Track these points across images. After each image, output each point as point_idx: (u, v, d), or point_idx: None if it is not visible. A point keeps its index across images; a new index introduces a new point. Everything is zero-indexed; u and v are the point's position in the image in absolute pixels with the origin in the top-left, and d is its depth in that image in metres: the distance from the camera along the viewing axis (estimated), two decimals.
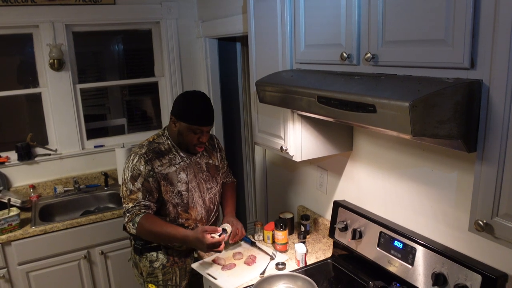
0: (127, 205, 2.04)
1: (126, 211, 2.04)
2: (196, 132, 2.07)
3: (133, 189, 2.03)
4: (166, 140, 2.15)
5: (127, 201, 2.05)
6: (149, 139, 2.17)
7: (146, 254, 2.21)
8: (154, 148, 2.11)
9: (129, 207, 2.03)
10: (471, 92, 1.11)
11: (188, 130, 2.06)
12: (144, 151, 2.07)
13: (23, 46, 3.27)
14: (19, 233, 2.70)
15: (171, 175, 2.10)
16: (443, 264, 1.58)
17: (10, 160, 3.20)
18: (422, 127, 1.09)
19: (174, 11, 3.55)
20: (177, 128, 2.09)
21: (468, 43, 1.11)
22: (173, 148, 2.15)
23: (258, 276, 2.04)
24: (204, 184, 2.22)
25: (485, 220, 1.15)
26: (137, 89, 3.85)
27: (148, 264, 2.21)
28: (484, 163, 1.13)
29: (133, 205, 2.02)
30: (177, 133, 2.10)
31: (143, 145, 2.12)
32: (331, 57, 1.64)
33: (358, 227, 2.00)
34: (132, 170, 2.04)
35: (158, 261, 2.21)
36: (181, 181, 2.13)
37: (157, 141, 2.15)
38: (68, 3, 3.16)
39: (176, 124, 2.09)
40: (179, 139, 2.12)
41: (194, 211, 2.18)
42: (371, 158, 2.07)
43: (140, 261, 2.22)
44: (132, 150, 2.12)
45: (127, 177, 2.05)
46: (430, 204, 1.76)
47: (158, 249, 2.20)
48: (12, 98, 3.26)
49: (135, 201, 2.03)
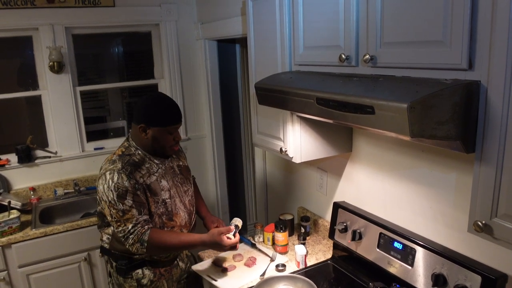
0: (125, 227, 1.87)
1: (128, 233, 1.87)
2: (172, 132, 1.98)
3: (125, 208, 1.86)
4: (136, 150, 1.99)
5: (122, 223, 1.87)
6: (116, 153, 1.99)
7: (131, 273, 2.04)
8: (128, 160, 1.94)
9: (129, 228, 1.87)
10: (469, 93, 1.11)
11: (164, 133, 1.96)
12: (121, 166, 1.90)
13: (23, 49, 3.27)
14: (19, 236, 2.70)
15: (153, 185, 1.97)
16: (443, 265, 1.59)
17: (10, 163, 3.21)
18: (420, 128, 1.09)
19: (173, 13, 3.55)
20: (150, 135, 1.95)
21: (466, 44, 1.11)
22: (145, 157, 2.00)
23: (258, 277, 2.04)
24: (181, 187, 2.12)
25: (484, 221, 1.15)
26: (137, 91, 3.86)
27: (135, 283, 2.05)
28: (483, 164, 1.14)
29: (133, 225, 1.87)
30: (151, 140, 1.96)
31: (114, 160, 1.93)
32: (329, 59, 1.65)
33: (358, 228, 2.00)
34: (117, 189, 1.85)
35: (145, 277, 2.05)
36: (164, 189, 2.01)
37: (126, 153, 1.98)
38: (67, 6, 3.17)
39: (147, 132, 1.94)
40: (154, 145, 1.98)
41: (178, 218, 2.07)
42: (370, 159, 2.07)
43: (125, 282, 2.05)
44: (102, 168, 1.93)
45: (112, 198, 1.86)
46: (430, 205, 1.76)
47: (143, 265, 2.06)
48: (12, 100, 3.26)
49: (132, 220, 1.87)
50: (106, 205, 1.88)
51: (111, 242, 2.04)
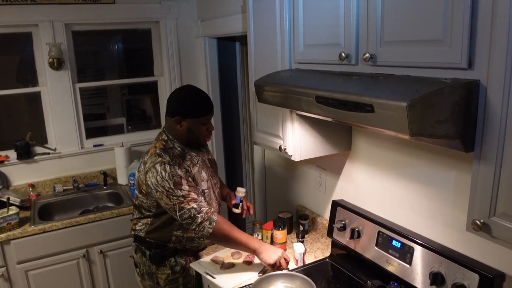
0: (190, 207, 1.90)
1: (196, 212, 1.90)
2: (205, 123, 2.06)
3: (184, 193, 1.91)
4: (174, 144, 2.06)
5: (186, 204, 1.90)
6: (158, 147, 2.03)
7: (165, 262, 2.13)
8: (174, 153, 2.02)
9: (195, 207, 1.91)
10: (468, 92, 1.11)
11: (198, 124, 2.03)
12: (169, 158, 1.96)
13: (23, 45, 3.27)
14: (18, 232, 2.70)
15: (196, 175, 2.06)
16: (441, 263, 1.59)
17: (9, 159, 3.21)
18: (420, 127, 1.09)
19: (173, 11, 3.55)
20: (185, 127, 2.02)
21: (465, 44, 1.11)
22: (184, 149, 2.08)
23: (256, 275, 2.05)
24: (212, 179, 2.20)
25: (482, 220, 1.16)
26: (136, 89, 3.86)
27: (169, 271, 2.14)
28: (482, 163, 1.14)
29: (197, 205, 1.92)
30: (186, 131, 2.04)
31: (159, 154, 1.98)
32: (329, 57, 1.65)
33: (357, 226, 2.00)
34: (172, 177, 1.91)
35: (178, 265, 2.15)
36: (203, 179, 2.10)
37: (168, 146, 2.04)
38: (67, 2, 3.16)
39: (182, 124, 2.02)
40: (189, 137, 2.06)
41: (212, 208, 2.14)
42: (369, 158, 2.07)
43: (158, 270, 2.14)
44: (149, 162, 1.97)
45: (169, 187, 1.90)
46: (428, 203, 1.77)
47: (175, 254, 2.15)
48: (12, 97, 3.26)
49: (196, 201, 1.93)
50: (164, 195, 1.92)
51: (149, 230, 2.10)
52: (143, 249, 2.15)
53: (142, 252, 2.16)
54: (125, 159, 3.40)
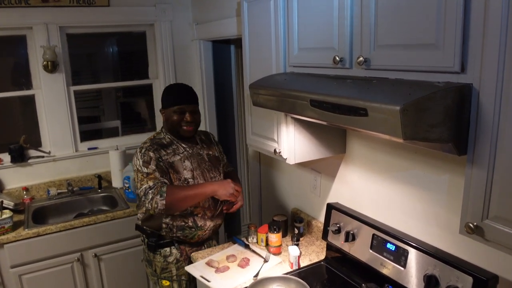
0: (146, 185, 2.05)
1: (149, 188, 2.03)
2: (178, 112, 2.20)
3: (149, 171, 2.08)
4: (165, 135, 2.28)
5: (145, 181, 2.06)
6: (149, 138, 2.29)
7: (159, 250, 2.27)
8: (157, 141, 2.23)
9: (150, 185, 2.04)
10: (461, 96, 1.12)
11: (170, 113, 2.22)
12: (148, 144, 2.18)
13: (17, 48, 3.25)
14: (11, 236, 2.68)
15: (176, 163, 2.19)
16: (435, 266, 1.60)
17: (3, 162, 3.19)
18: (413, 131, 1.10)
19: (168, 14, 3.55)
20: (164, 117, 2.26)
21: (458, 48, 1.12)
22: (173, 140, 2.26)
23: (251, 278, 2.05)
24: (208, 173, 2.31)
25: (475, 223, 1.16)
26: (131, 91, 3.85)
27: (162, 259, 2.27)
28: (474, 166, 1.15)
29: (154, 183, 2.05)
30: (166, 121, 2.27)
31: (145, 142, 2.23)
32: (324, 61, 1.65)
33: (351, 229, 2.00)
34: (143, 157, 2.11)
35: (172, 255, 2.27)
36: (186, 168, 2.22)
37: (157, 137, 2.27)
38: (62, 5, 3.15)
39: (163, 114, 2.28)
40: (169, 127, 2.25)
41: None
42: (364, 161, 2.08)
43: (154, 258, 2.29)
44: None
45: (139, 164, 2.10)
46: (422, 206, 1.78)
47: (171, 244, 2.27)
48: (6, 99, 3.24)
49: (155, 180, 2.06)
50: (135, 174, 2.14)
51: (144, 218, 2.28)
52: (143, 237, 2.35)
53: (143, 240, 2.37)
54: (119, 162, 3.39)
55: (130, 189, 3.14)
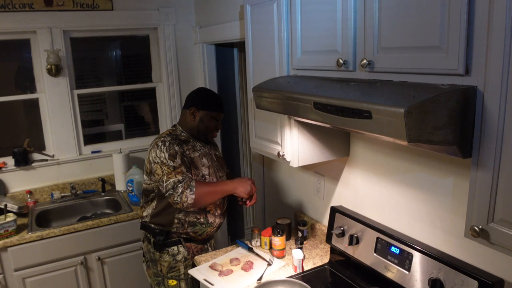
0: (175, 178, 2.07)
1: (178, 182, 2.05)
2: (216, 119, 2.31)
3: (176, 165, 2.10)
4: (181, 132, 2.30)
5: (173, 176, 2.07)
6: (165, 132, 2.29)
7: (167, 249, 2.28)
8: (177, 137, 2.24)
9: (179, 179, 2.06)
10: (466, 98, 1.11)
11: (210, 117, 2.28)
12: (170, 138, 2.19)
13: (21, 52, 3.27)
14: (15, 239, 2.69)
15: (196, 159, 2.24)
16: (440, 269, 1.59)
17: (7, 166, 3.20)
18: (417, 133, 1.09)
19: (171, 17, 3.56)
20: (198, 118, 2.27)
21: (462, 50, 1.12)
22: (190, 138, 2.30)
23: (255, 282, 2.04)
24: (217, 172, 2.37)
25: (480, 226, 1.16)
26: (134, 95, 3.85)
27: (170, 258, 2.29)
28: (479, 169, 1.14)
29: (183, 177, 2.07)
30: (197, 122, 2.28)
31: (164, 136, 2.22)
32: (327, 63, 1.65)
33: (355, 232, 2.00)
34: (168, 150, 2.13)
35: (180, 254, 2.30)
36: (204, 165, 2.28)
37: (174, 133, 2.28)
38: (66, 9, 3.17)
39: (195, 114, 2.27)
40: (199, 128, 2.29)
41: None
42: (368, 163, 2.07)
43: (161, 257, 2.29)
44: (153, 142, 2.22)
45: (164, 157, 2.10)
46: (427, 209, 1.77)
47: (178, 243, 2.30)
48: (10, 103, 3.25)
49: (182, 174, 2.09)
50: (158, 166, 2.12)
51: (154, 213, 2.28)
52: (149, 236, 2.33)
53: (148, 239, 2.34)
54: (123, 165, 3.40)
55: (134, 192, 3.14)
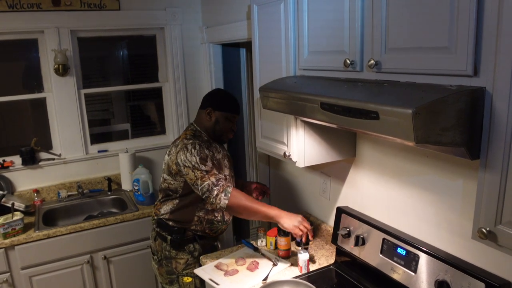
0: (209, 181, 2.08)
1: (213, 185, 2.07)
2: (231, 121, 2.29)
3: (207, 169, 2.10)
4: (202, 134, 2.29)
5: (207, 178, 2.08)
6: (189, 134, 2.26)
7: (184, 247, 2.29)
8: (203, 139, 2.25)
9: (214, 181, 2.08)
10: (474, 99, 1.11)
11: (225, 119, 2.27)
12: (199, 141, 2.19)
13: (28, 51, 3.29)
14: (22, 238, 2.71)
15: (221, 160, 2.26)
16: (446, 271, 1.58)
17: (14, 165, 3.22)
18: (425, 134, 1.09)
19: (178, 17, 3.57)
20: (213, 118, 2.26)
21: (471, 51, 1.11)
22: (210, 140, 2.29)
23: (260, 282, 2.04)
24: (231, 171, 2.38)
25: (488, 228, 1.15)
26: (141, 94, 3.87)
27: (188, 256, 2.30)
28: (488, 171, 1.13)
29: (217, 179, 2.09)
30: (213, 123, 2.27)
31: (190, 138, 2.22)
32: (334, 64, 1.65)
33: (361, 233, 1.99)
34: (199, 154, 2.12)
35: (196, 251, 2.32)
36: (226, 166, 2.30)
37: (197, 134, 2.27)
38: (73, 9, 3.19)
39: (212, 115, 2.26)
40: (215, 129, 2.28)
41: None
42: (374, 164, 2.07)
43: (178, 255, 2.30)
44: (181, 144, 2.19)
45: (196, 161, 2.10)
46: (434, 211, 1.76)
47: (194, 241, 2.31)
48: (17, 102, 3.27)
49: (216, 176, 2.10)
50: (190, 170, 2.12)
51: (173, 211, 2.28)
52: (164, 234, 2.30)
53: (162, 237, 2.32)
54: (129, 165, 3.41)
55: (140, 192, 3.15)
